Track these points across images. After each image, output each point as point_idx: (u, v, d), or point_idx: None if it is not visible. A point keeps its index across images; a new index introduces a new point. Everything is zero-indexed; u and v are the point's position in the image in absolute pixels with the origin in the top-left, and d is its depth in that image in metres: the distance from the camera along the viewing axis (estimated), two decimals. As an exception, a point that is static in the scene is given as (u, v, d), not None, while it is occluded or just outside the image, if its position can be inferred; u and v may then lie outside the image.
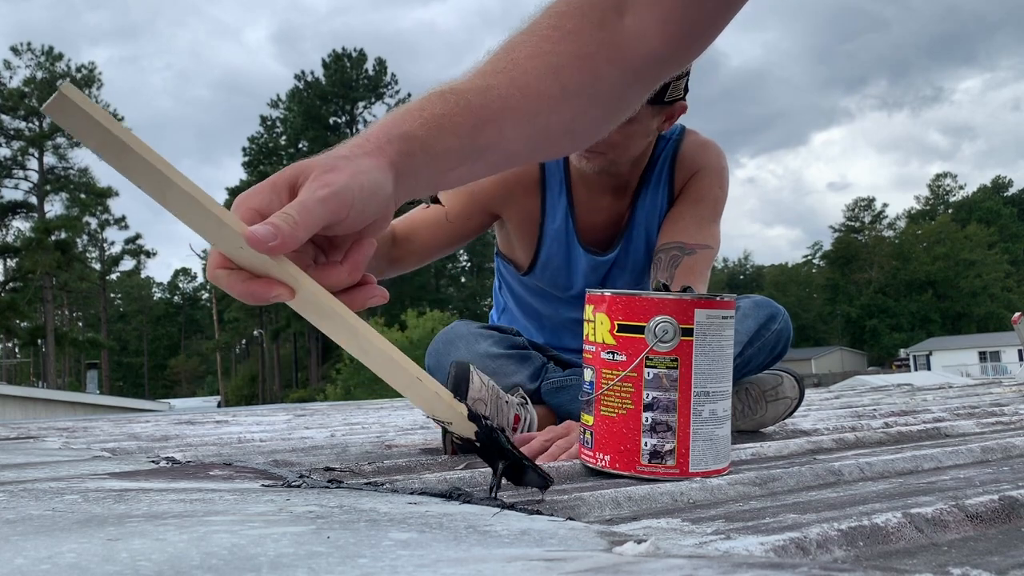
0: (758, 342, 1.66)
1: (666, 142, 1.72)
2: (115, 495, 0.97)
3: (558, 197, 1.72)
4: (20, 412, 12.18)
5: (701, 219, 1.65)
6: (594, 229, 1.75)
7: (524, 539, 0.67)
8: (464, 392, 1.41)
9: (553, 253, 1.75)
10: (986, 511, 0.78)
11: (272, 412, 3.91)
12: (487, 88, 0.82)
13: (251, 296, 0.72)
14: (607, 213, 1.74)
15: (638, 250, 1.74)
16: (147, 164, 0.68)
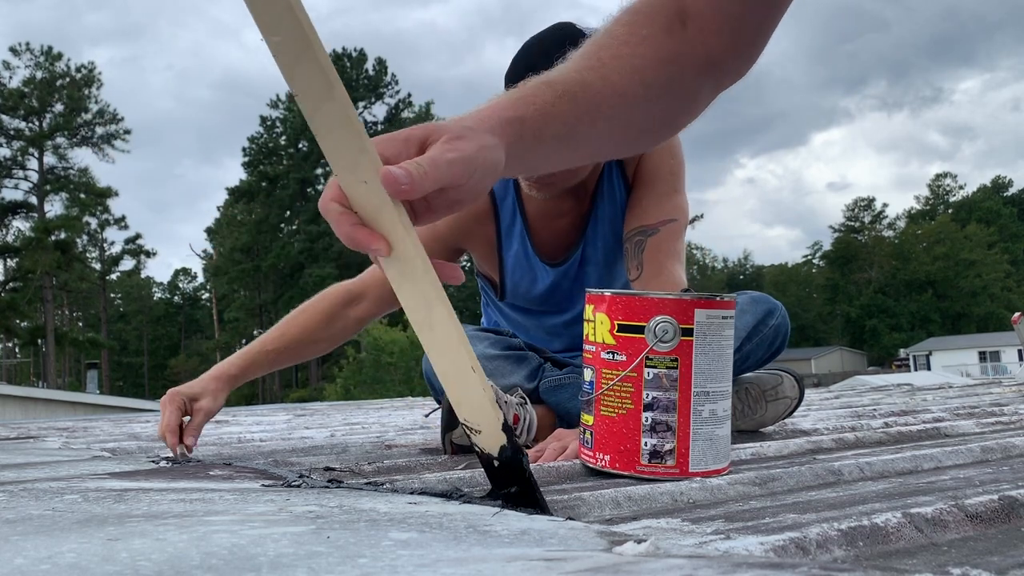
0: (756, 337, 1.67)
1: None
2: (115, 495, 0.97)
3: (512, 222, 1.74)
4: (20, 412, 12.17)
5: (659, 196, 1.63)
6: (555, 241, 1.75)
7: (524, 539, 0.67)
8: None
9: (518, 277, 1.76)
10: (986, 511, 0.79)
11: (272, 412, 3.91)
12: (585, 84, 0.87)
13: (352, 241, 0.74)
14: (566, 220, 1.73)
15: (604, 244, 1.72)
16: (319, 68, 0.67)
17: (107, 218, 42.55)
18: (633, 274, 1.57)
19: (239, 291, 48.39)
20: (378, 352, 24.77)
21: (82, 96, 40.64)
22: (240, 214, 46.76)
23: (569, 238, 1.73)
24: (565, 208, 1.71)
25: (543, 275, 1.75)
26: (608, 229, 1.72)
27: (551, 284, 1.75)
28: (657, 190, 1.63)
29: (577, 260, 1.74)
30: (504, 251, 1.75)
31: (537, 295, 1.76)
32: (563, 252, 1.75)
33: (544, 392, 1.64)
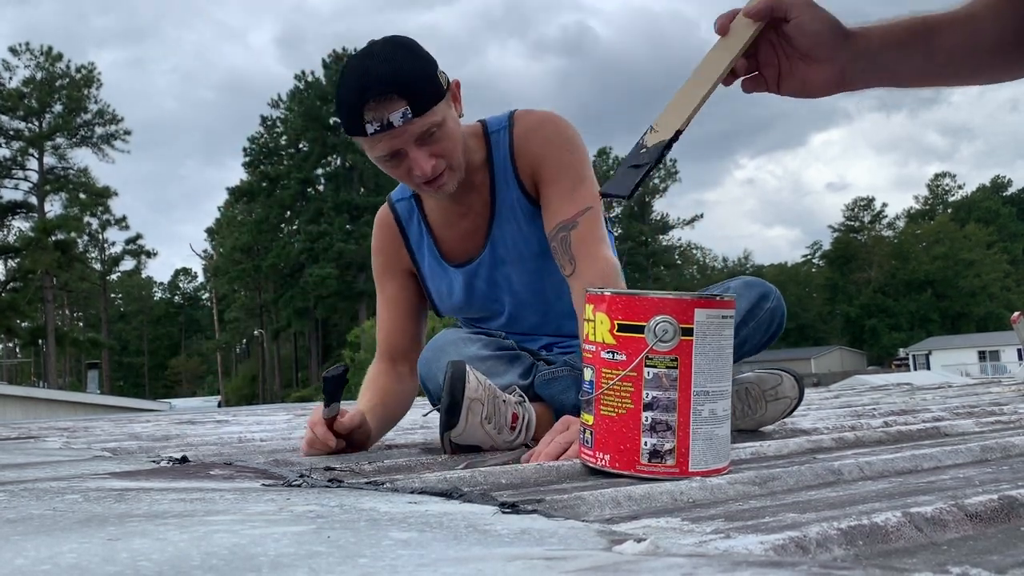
0: (752, 322, 1.67)
1: (499, 135, 1.71)
2: (116, 495, 0.97)
3: (420, 237, 1.80)
4: (21, 412, 12.17)
5: (568, 190, 1.63)
6: (462, 244, 1.77)
7: (524, 538, 0.67)
8: (461, 391, 1.41)
9: (436, 286, 1.81)
10: (985, 510, 0.79)
11: (272, 412, 3.91)
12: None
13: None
14: (469, 220, 1.74)
15: (513, 243, 1.72)
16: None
17: (107, 218, 42.58)
18: (568, 269, 1.59)
19: (239, 291, 48.41)
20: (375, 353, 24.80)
21: (82, 96, 40.65)
22: (240, 214, 46.78)
23: (476, 239, 1.75)
24: (465, 208, 1.73)
25: (455, 277, 1.78)
26: (514, 227, 1.72)
27: (464, 285, 1.77)
28: (563, 185, 1.64)
29: (486, 260, 1.75)
30: (420, 266, 1.81)
31: (457, 301, 1.80)
32: (471, 252, 1.77)
33: (539, 387, 1.64)
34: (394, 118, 1.48)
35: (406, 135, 1.50)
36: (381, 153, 1.54)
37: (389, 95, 1.47)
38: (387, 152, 1.53)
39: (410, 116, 1.49)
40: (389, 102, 1.48)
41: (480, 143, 1.71)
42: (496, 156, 1.70)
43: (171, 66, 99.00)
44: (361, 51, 1.57)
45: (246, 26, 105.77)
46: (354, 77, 1.51)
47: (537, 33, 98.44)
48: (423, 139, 1.52)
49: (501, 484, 1.09)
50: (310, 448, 1.54)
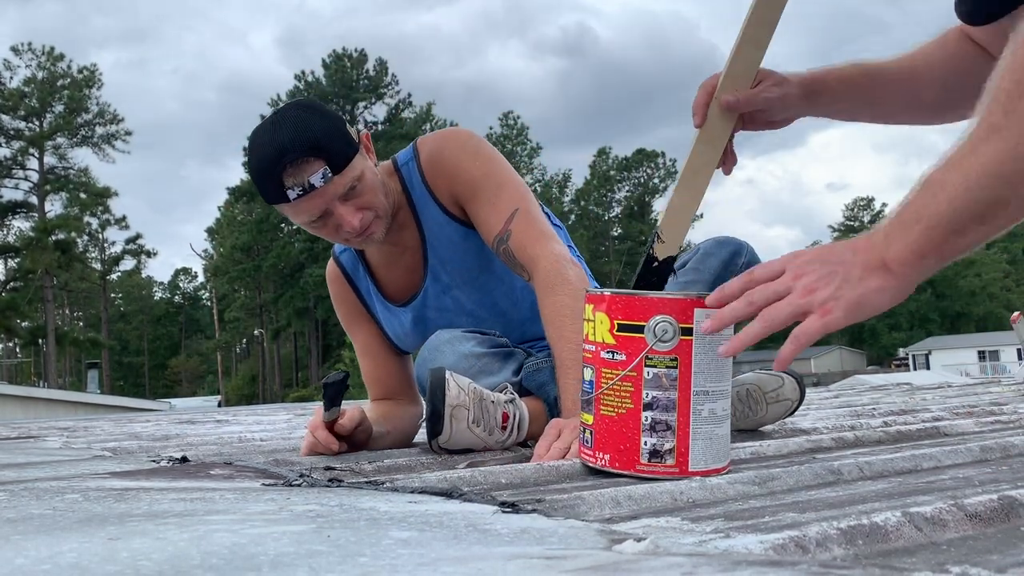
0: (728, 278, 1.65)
1: (408, 167, 1.71)
2: (116, 494, 0.97)
3: (367, 287, 1.84)
4: (21, 412, 12.17)
5: (489, 201, 1.63)
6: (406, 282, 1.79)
7: (524, 537, 0.67)
8: (441, 400, 1.40)
9: (392, 330, 1.84)
10: (985, 510, 0.79)
11: (272, 411, 3.91)
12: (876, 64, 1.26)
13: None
14: (407, 257, 1.77)
15: (453, 267, 1.74)
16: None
17: (107, 218, 42.57)
18: (526, 277, 1.61)
19: (239, 291, 48.40)
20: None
21: (83, 96, 40.64)
22: (240, 214, 46.76)
23: (416, 273, 1.77)
24: (399, 247, 1.75)
25: (404, 316, 1.80)
26: (449, 251, 1.73)
27: (414, 320, 1.79)
28: (484, 197, 1.64)
29: (430, 289, 1.77)
30: (374, 313, 1.86)
31: (415, 337, 1.81)
32: (414, 287, 1.79)
33: (526, 380, 1.64)
34: (315, 180, 1.49)
35: (328, 194, 1.51)
36: (308, 217, 1.54)
37: (306, 158, 1.48)
38: (314, 215, 1.53)
39: (330, 175, 1.50)
40: (307, 164, 1.48)
41: (395, 179, 1.72)
42: (412, 188, 1.71)
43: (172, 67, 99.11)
44: (268, 119, 1.56)
45: (247, 27, 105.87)
46: (267, 146, 1.50)
47: (537, 33, 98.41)
48: (347, 195, 1.54)
49: (501, 484, 1.09)
50: (311, 451, 1.54)
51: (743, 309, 1.03)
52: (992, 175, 0.90)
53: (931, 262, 0.97)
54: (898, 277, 0.97)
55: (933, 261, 0.97)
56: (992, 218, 0.92)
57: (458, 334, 1.68)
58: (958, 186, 0.92)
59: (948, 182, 0.93)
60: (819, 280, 0.99)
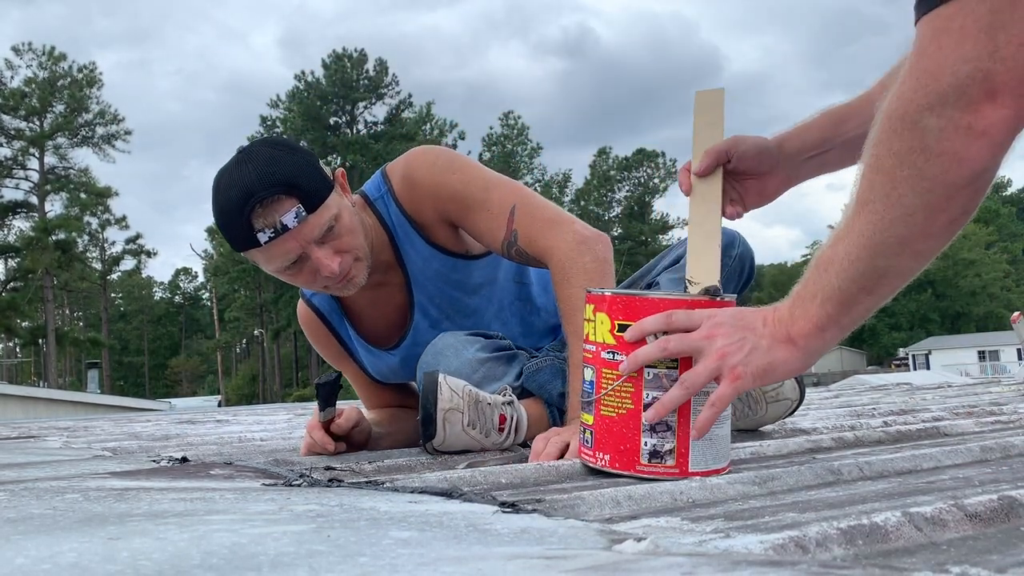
0: (723, 271, 1.65)
1: (383, 200, 1.63)
2: (116, 494, 0.97)
3: (345, 331, 1.79)
4: (21, 411, 12.17)
5: (483, 209, 1.56)
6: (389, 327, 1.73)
7: (524, 537, 0.67)
8: (433, 404, 1.39)
9: (379, 370, 1.81)
10: (985, 510, 0.79)
11: (273, 411, 3.91)
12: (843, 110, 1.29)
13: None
14: (391, 301, 1.70)
15: (441, 300, 1.69)
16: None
17: (108, 218, 42.53)
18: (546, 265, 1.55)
19: (239, 291, 48.38)
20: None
21: (83, 96, 40.62)
22: (240, 214, 46.69)
23: (401, 313, 1.71)
24: (382, 289, 1.67)
25: (390, 359, 1.77)
26: (437, 285, 1.67)
27: (401, 360, 1.76)
28: (476, 207, 1.57)
29: (421, 327, 1.71)
30: (355, 356, 1.82)
31: (403, 374, 1.80)
32: (399, 331, 1.73)
33: (526, 381, 1.63)
34: (287, 219, 1.39)
35: (303, 236, 1.41)
36: (282, 263, 1.44)
37: (277, 196, 1.38)
38: (289, 259, 1.43)
39: (304, 215, 1.40)
40: (278, 203, 1.38)
41: (370, 215, 1.62)
42: (391, 223, 1.62)
43: (174, 68, 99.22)
44: (234, 158, 1.46)
45: (248, 28, 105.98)
46: (234, 185, 1.40)
47: (538, 34, 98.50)
48: (323, 238, 1.44)
49: (501, 484, 1.09)
50: (309, 452, 1.54)
51: (657, 354, 1.09)
52: (868, 248, 0.94)
53: (831, 334, 1.03)
54: (801, 349, 1.04)
55: (833, 332, 1.02)
56: (879, 288, 0.98)
57: (462, 338, 1.66)
58: (842, 261, 0.97)
59: (835, 258, 0.98)
60: (730, 344, 1.05)
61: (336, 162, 44.48)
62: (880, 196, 0.91)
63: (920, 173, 0.87)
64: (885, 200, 0.91)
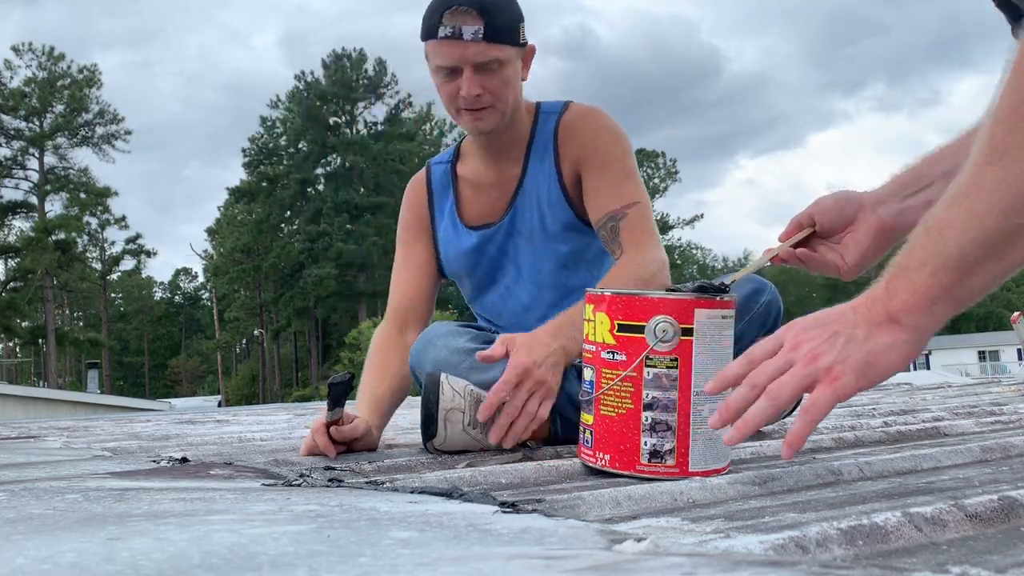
0: (747, 316, 1.65)
1: (548, 116, 1.77)
2: (116, 494, 0.97)
3: (444, 199, 1.86)
4: (21, 411, 12.17)
5: (615, 182, 1.68)
6: (483, 211, 1.82)
7: (524, 537, 0.67)
8: (435, 403, 1.42)
9: (448, 245, 1.84)
10: (985, 511, 0.79)
11: (272, 411, 3.91)
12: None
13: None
14: (498, 191, 1.80)
15: (531, 217, 1.77)
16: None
17: (107, 218, 42.51)
18: (616, 255, 1.64)
19: (239, 291, 48.39)
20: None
21: (83, 96, 40.62)
22: (240, 214, 46.76)
23: (498, 206, 1.80)
24: (495, 175, 1.78)
25: (468, 240, 1.81)
26: (535, 204, 1.75)
27: (475, 247, 1.81)
28: (611, 176, 1.68)
29: (504, 227, 1.79)
30: (436, 227, 1.86)
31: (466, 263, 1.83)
32: (490, 219, 1.81)
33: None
34: (466, 31, 1.56)
35: (469, 52, 1.57)
36: (442, 62, 1.60)
37: (470, 10, 1.56)
38: (447, 63, 1.59)
39: (480, 37, 1.56)
40: (468, 16, 1.56)
41: (528, 119, 1.76)
42: (539, 134, 1.75)
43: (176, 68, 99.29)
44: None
45: (250, 29, 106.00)
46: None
47: (539, 35, 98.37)
48: (481, 68, 1.59)
49: (501, 484, 1.09)
50: (309, 452, 1.54)
51: (747, 394, 0.95)
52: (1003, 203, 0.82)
53: (942, 308, 0.88)
54: (908, 329, 0.89)
55: (944, 307, 0.88)
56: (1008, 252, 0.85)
57: (454, 328, 1.68)
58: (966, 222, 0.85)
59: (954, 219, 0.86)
60: (820, 345, 0.92)
61: (336, 162, 44.53)
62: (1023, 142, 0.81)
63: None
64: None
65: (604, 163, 1.69)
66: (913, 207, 1.18)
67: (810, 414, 0.90)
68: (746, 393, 0.95)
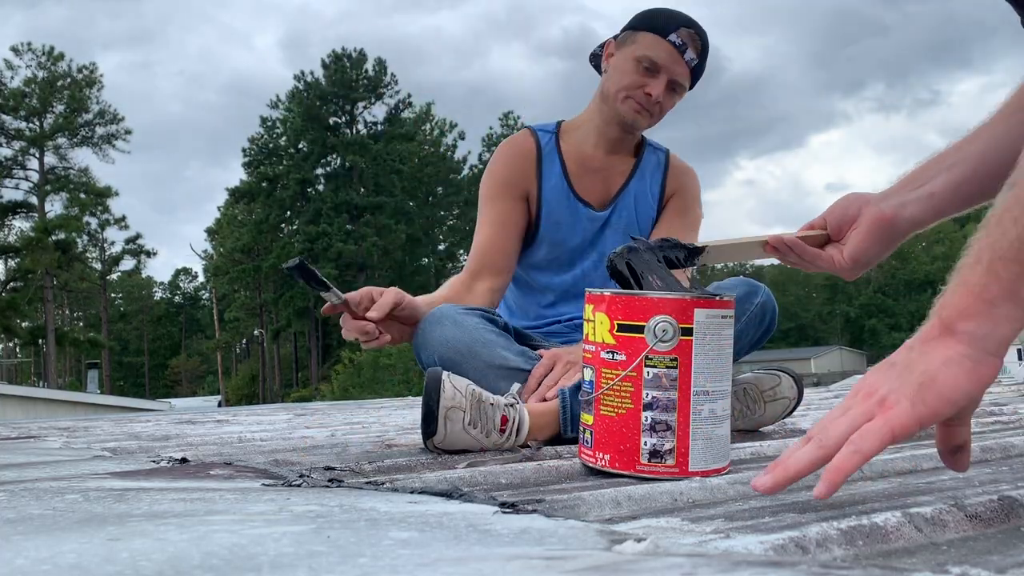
0: (744, 317, 1.68)
1: (656, 147, 1.98)
2: (116, 495, 0.97)
3: (552, 161, 1.93)
4: (21, 412, 12.17)
5: (687, 229, 1.91)
6: (586, 191, 1.93)
7: (524, 538, 0.67)
8: (436, 400, 1.42)
9: (552, 208, 1.91)
10: (985, 511, 0.79)
11: (272, 411, 3.91)
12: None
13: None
14: (600, 177, 1.93)
15: (630, 216, 1.93)
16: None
17: (107, 218, 42.44)
18: None
19: (239, 291, 48.38)
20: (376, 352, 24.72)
21: (83, 96, 40.60)
22: (240, 214, 46.75)
23: (598, 193, 1.92)
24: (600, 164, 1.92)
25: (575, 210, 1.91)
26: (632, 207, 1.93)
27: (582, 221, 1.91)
28: (686, 223, 1.92)
29: (603, 217, 1.92)
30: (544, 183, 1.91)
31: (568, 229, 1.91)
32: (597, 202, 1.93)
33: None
34: (688, 53, 1.77)
35: (676, 68, 1.77)
36: (654, 54, 1.76)
37: (698, 41, 1.78)
38: (658, 59, 1.76)
39: (693, 64, 1.79)
40: (696, 43, 1.78)
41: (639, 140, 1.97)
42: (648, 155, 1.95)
43: (177, 69, 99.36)
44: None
45: (251, 29, 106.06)
46: (681, 12, 1.81)
47: (539, 35, 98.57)
48: (672, 85, 1.79)
49: (501, 484, 1.09)
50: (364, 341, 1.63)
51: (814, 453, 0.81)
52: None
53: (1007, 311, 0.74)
54: (964, 338, 0.76)
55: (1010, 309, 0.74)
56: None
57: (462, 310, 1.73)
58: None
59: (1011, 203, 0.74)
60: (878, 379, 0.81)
61: (336, 162, 44.53)
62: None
63: None
64: None
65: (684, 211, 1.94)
66: (914, 200, 1.15)
67: (854, 444, 0.77)
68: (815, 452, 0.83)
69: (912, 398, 0.76)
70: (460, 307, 1.73)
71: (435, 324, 1.66)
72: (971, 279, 0.76)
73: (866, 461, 0.77)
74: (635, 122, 1.82)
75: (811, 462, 0.80)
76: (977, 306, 0.75)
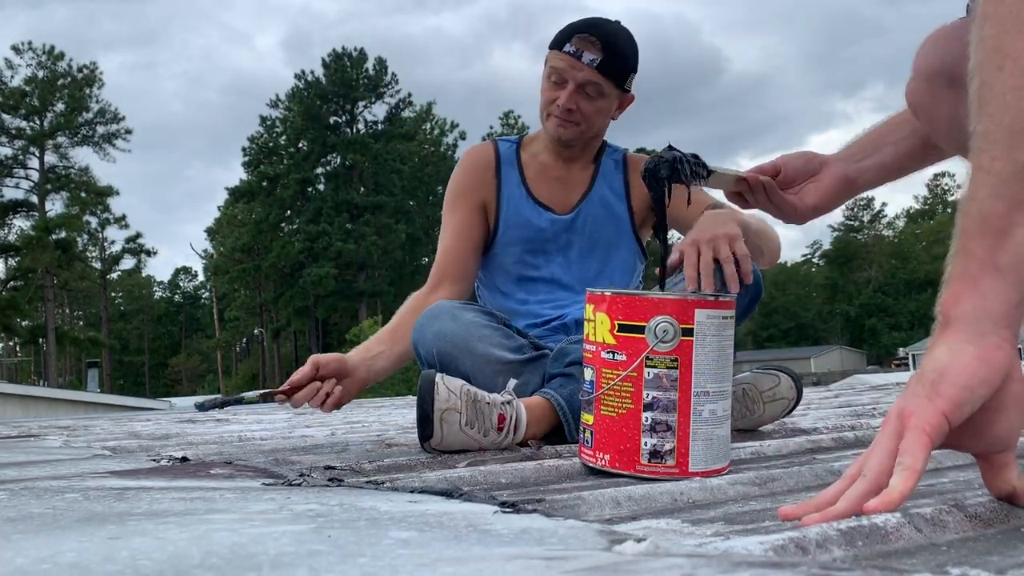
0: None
1: (613, 151, 2.00)
2: (116, 493, 0.97)
3: (511, 167, 1.97)
4: (21, 410, 12.17)
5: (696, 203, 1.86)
6: (547, 197, 1.95)
7: (524, 538, 0.67)
8: (430, 403, 1.43)
9: (511, 212, 1.94)
10: (985, 511, 0.79)
11: (272, 411, 3.91)
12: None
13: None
14: (561, 185, 1.95)
15: (596, 220, 1.93)
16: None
17: (107, 217, 42.45)
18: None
19: (239, 290, 48.38)
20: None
21: (83, 95, 40.60)
22: (240, 214, 46.74)
23: (560, 200, 1.93)
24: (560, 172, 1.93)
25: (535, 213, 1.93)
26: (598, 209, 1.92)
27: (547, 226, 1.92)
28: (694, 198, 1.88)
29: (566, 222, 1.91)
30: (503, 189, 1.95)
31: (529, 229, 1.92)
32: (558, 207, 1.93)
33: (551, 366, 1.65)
34: (586, 57, 1.77)
35: (579, 73, 1.78)
36: (555, 66, 1.81)
37: (597, 42, 1.78)
38: (558, 72, 1.80)
39: (595, 66, 1.77)
40: (593, 45, 1.77)
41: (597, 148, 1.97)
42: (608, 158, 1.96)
43: (179, 69, 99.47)
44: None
45: (252, 29, 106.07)
46: (591, 19, 1.84)
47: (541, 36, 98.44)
48: (582, 89, 1.80)
49: (501, 484, 1.09)
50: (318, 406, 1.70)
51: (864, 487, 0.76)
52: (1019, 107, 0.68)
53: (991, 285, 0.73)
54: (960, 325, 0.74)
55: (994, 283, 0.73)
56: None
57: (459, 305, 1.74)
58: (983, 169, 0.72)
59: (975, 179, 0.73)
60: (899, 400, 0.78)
61: (336, 161, 44.52)
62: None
63: None
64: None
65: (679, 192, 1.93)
66: (870, 167, 1.31)
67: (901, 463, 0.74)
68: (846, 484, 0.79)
69: (929, 395, 0.74)
70: (458, 302, 1.75)
71: (432, 319, 1.67)
72: (953, 269, 0.75)
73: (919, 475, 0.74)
74: (560, 135, 1.84)
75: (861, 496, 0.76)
76: (962, 288, 0.74)
